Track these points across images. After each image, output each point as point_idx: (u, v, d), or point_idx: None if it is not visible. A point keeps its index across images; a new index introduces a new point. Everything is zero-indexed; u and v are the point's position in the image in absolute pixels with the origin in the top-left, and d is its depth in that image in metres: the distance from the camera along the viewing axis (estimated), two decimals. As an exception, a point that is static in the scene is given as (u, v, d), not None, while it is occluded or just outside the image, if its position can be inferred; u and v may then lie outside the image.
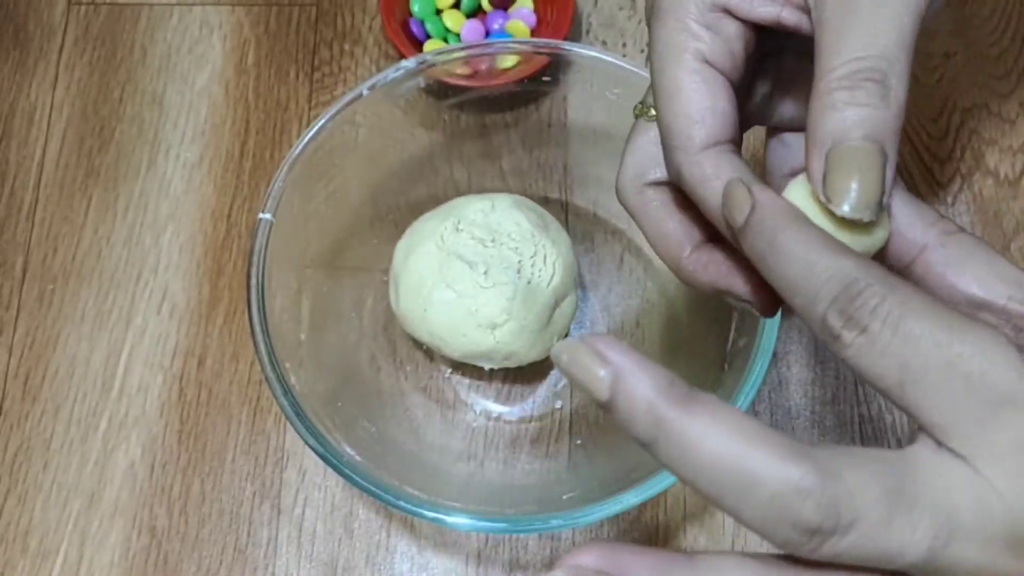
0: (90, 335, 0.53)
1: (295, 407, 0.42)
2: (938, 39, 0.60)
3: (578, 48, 0.48)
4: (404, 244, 0.50)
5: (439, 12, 0.60)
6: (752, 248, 0.25)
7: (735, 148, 0.29)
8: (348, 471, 0.41)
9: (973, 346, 0.21)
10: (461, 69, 0.50)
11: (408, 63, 0.48)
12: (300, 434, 0.41)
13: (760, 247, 0.24)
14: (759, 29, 0.30)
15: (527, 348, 0.48)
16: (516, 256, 0.48)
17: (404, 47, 0.56)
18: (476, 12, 0.60)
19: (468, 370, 0.52)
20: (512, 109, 0.56)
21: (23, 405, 0.52)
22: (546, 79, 0.53)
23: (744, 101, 0.31)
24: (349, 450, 0.43)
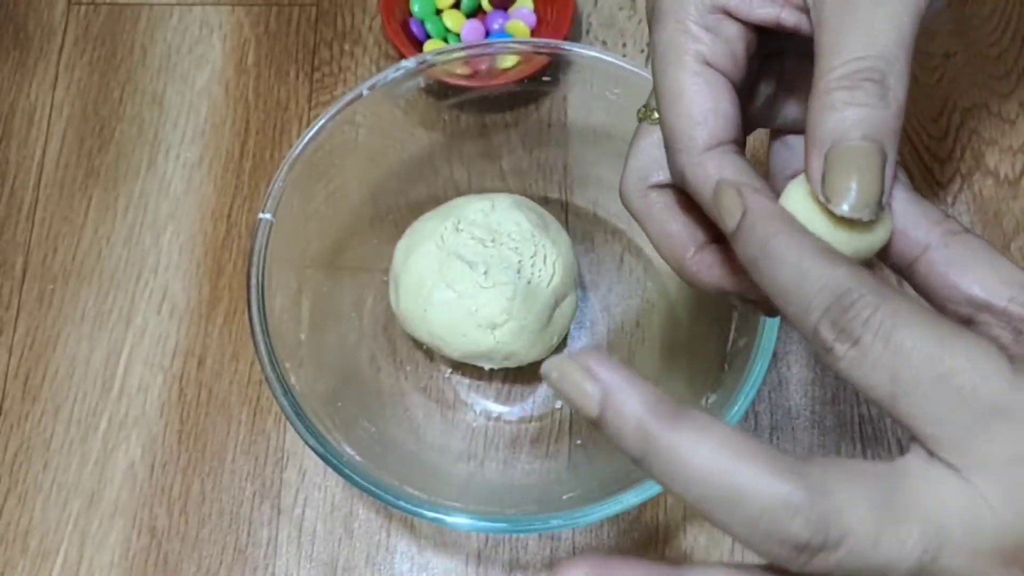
0: (90, 335, 0.53)
1: (295, 407, 0.42)
2: (938, 39, 0.60)
3: (578, 48, 0.48)
4: (404, 244, 0.50)
5: (439, 12, 0.60)
6: (744, 253, 0.24)
7: (738, 149, 0.29)
8: (348, 471, 0.41)
9: (964, 358, 0.21)
10: (461, 69, 0.50)
11: (408, 63, 0.48)
12: (300, 434, 0.41)
13: (752, 253, 0.24)
14: (760, 30, 0.30)
15: (527, 348, 0.48)
16: (516, 256, 0.48)
17: (404, 47, 0.56)
18: (476, 12, 0.60)
19: (468, 370, 0.52)
20: (512, 109, 0.56)
21: (23, 405, 0.52)
22: (546, 79, 0.53)
23: (747, 102, 0.31)
24: (349, 450, 0.43)
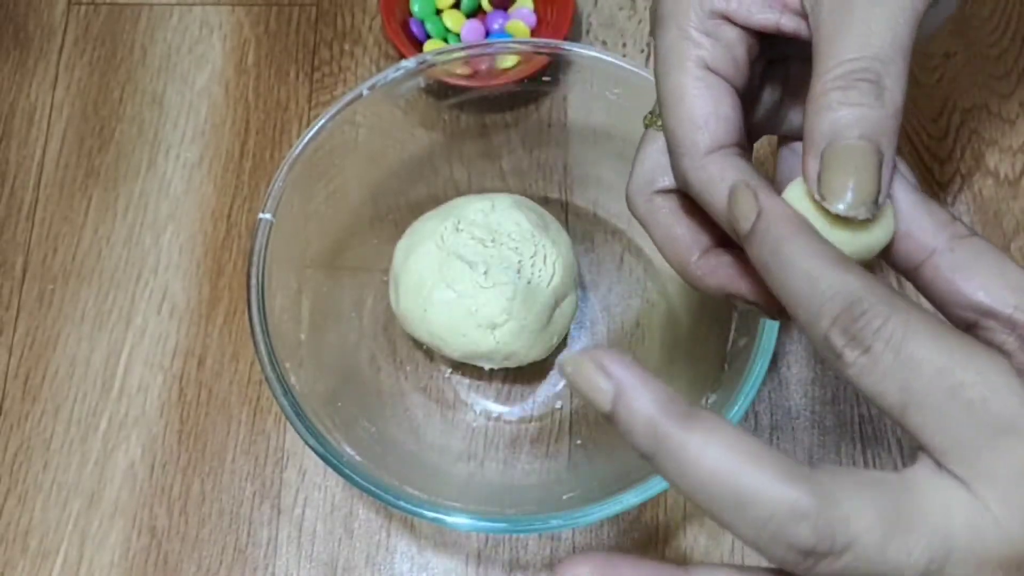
0: (90, 335, 0.53)
1: (295, 407, 0.42)
2: (938, 39, 0.60)
3: (578, 48, 0.48)
4: (404, 244, 0.50)
5: (439, 12, 0.60)
6: (757, 256, 0.25)
7: (741, 152, 0.29)
8: (348, 471, 0.41)
9: (975, 372, 0.21)
10: (461, 69, 0.50)
11: (408, 63, 0.48)
12: (300, 434, 0.41)
13: (764, 256, 0.24)
14: (762, 35, 0.30)
15: (527, 348, 0.48)
16: (516, 256, 0.48)
17: (404, 47, 0.56)
18: (476, 12, 0.60)
19: (468, 370, 0.52)
20: (512, 109, 0.56)
21: (23, 405, 0.52)
22: (546, 79, 0.53)
23: (751, 107, 0.31)
24: (349, 450, 0.43)
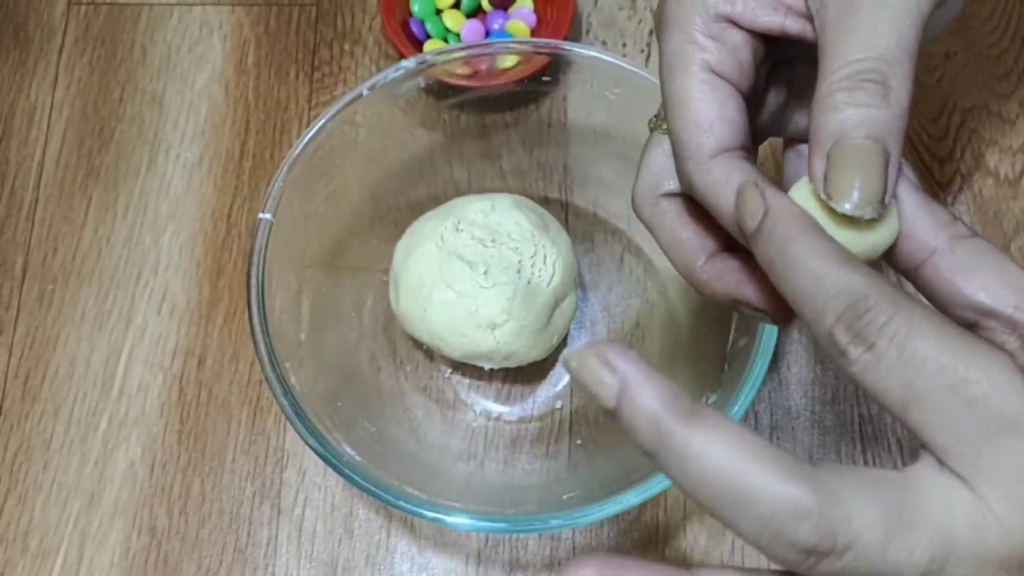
0: (90, 335, 0.53)
1: (295, 407, 0.42)
2: (938, 39, 0.60)
3: (578, 48, 0.48)
4: (404, 244, 0.50)
5: (439, 12, 0.60)
6: (763, 254, 0.25)
7: (745, 155, 0.29)
8: (348, 471, 0.41)
9: (978, 370, 0.21)
10: (461, 69, 0.50)
11: (408, 63, 0.48)
12: (300, 434, 0.41)
13: (770, 254, 0.24)
14: (767, 38, 0.30)
15: (527, 348, 0.48)
16: (516, 256, 0.48)
17: (404, 47, 0.56)
18: (476, 12, 0.60)
19: (468, 370, 0.52)
20: (512, 109, 0.56)
21: (23, 405, 0.52)
22: (546, 79, 0.53)
23: (755, 110, 0.31)
24: (349, 450, 0.43)
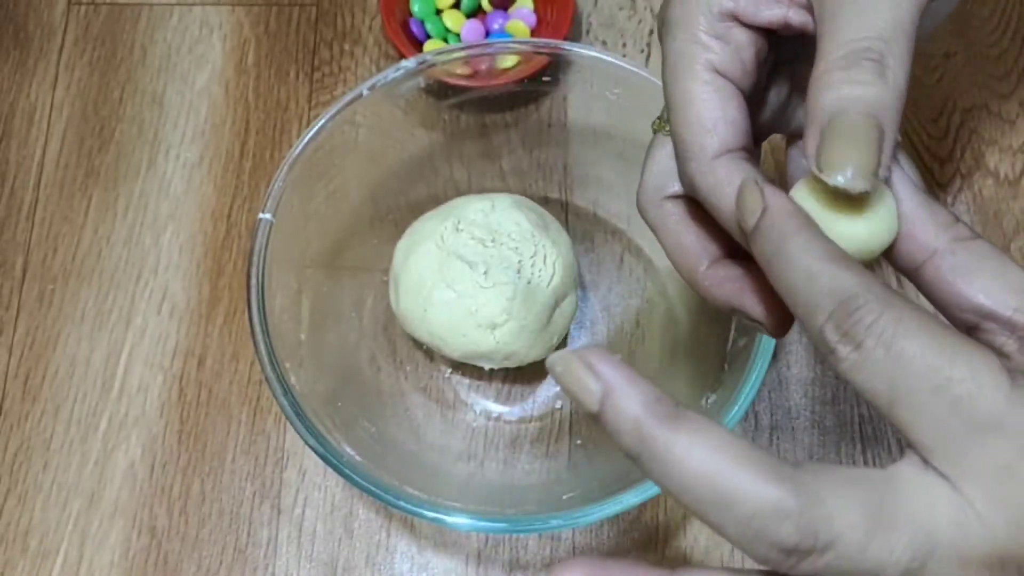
0: (90, 335, 0.53)
1: (295, 407, 0.42)
2: (938, 39, 0.60)
3: (578, 48, 0.48)
4: (404, 244, 0.50)
5: (439, 12, 0.60)
6: (760, 252, 0.25)
7: (747, 156, 0.29)
8: (348, 471, 0.41)
9: (964, 369, 0.22)
10: (461, 69, 0.50)
11: (408, 63, 0.48)
12: (300, 434, 0.41)
13: (767, 252, 0.24)
14: (769, 36, 0.30)
15: (527, 348, 0.48)
16: (516, 256, 0.48)
17: (404, 47, 0.56)
18: (476, 12, 0.60)
19: (468, 370, 0.52)
20: (512, 109, 0.56)
21: (23, 405, 0.52)
22: (546, 79, 0.53)
23: (757, 109, 0.31)
24: (349, 450, 0.43)
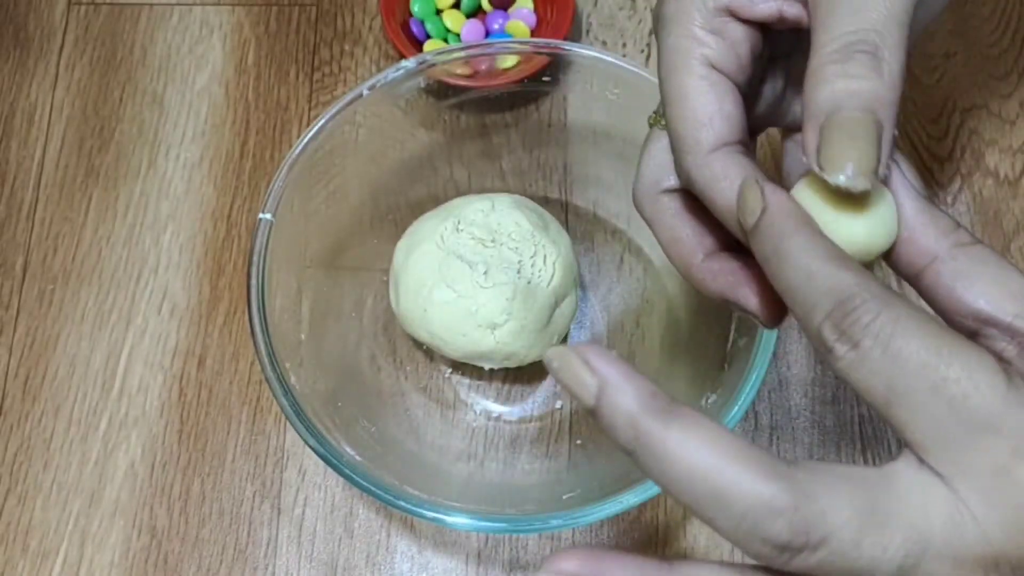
0: (90, 335, 0.53)
1: (295, 407, 0.42)
2: (938, 39, 0.60)
3: (578, 48, 0.48)
4: (404, 244, 0.50)
5: (439, 12, 0.60)
6: (760, 251, 0.25)
7: (743, 149, 0.29)
8: (348, 471, 0.41)
9: (960, 369, 0.22)
10: (461, 69, 0.50)
11: (408, 63, 0.48)
12: (300, 434, 0.41)
13: (767, 250, 0.24)
14: (765, 31, 0.30)
15: (527, 348, 0.48)
16: (516, 256, 0.48)
17: (404, 47, 0.56)
18: (476, 12, 0.60)
19: (468, 370, 0.52)
20: (512, 109, 0.56)
21: (23, 405, 0.52)
22: (546, 79, 0.53)
23: (752, 103, 0.31)
24: (349, 450, 0.43)
